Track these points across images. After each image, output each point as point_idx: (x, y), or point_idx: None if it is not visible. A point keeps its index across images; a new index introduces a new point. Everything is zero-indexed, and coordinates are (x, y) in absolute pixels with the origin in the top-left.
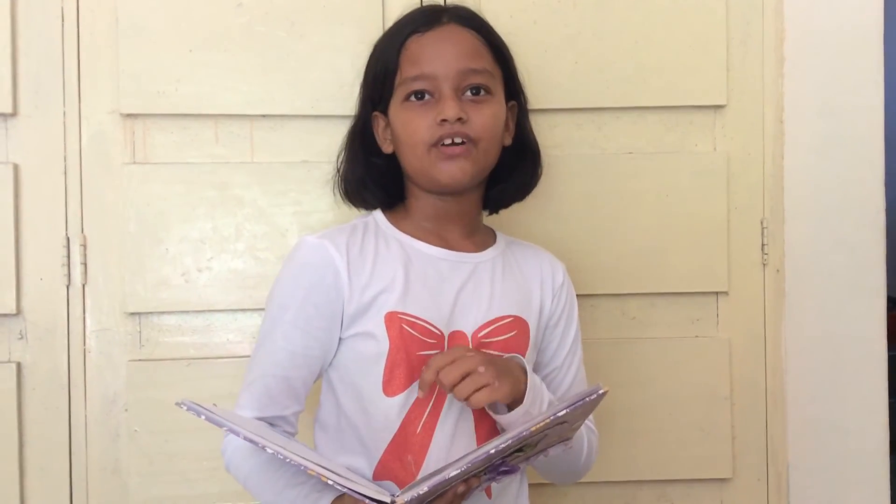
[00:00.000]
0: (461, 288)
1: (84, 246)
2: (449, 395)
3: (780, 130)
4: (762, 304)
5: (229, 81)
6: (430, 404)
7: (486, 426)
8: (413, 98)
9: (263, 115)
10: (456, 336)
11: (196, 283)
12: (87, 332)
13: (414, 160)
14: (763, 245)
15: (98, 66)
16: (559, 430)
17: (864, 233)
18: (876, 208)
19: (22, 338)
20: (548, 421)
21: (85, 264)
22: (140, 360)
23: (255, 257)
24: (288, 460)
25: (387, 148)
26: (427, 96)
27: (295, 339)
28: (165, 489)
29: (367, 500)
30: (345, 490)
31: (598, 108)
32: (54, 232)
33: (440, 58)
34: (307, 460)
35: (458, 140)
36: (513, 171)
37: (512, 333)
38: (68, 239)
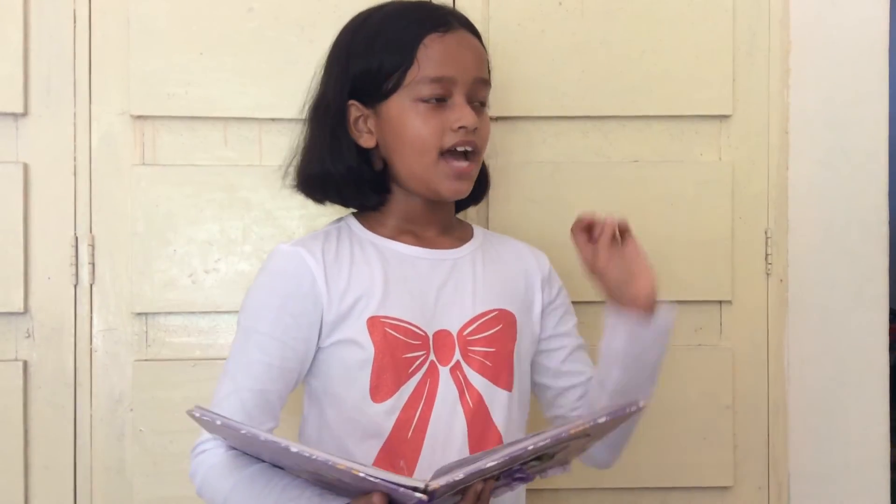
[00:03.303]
0: (442, 286)
1: (92, 246)
2: (439, 396)
3: (785, 141)
4: (765, 313)
5: (239, 85)
6: (420, 407)
7: (479, 428)
8: (432, 101)
9: (272, 119)
10: (441, 335)
11: (203, 285)
12: (94, 332)
13: (416, 165)
14: (767, 255)
15: (109, 67)
16: (577, 445)
17: (868, 244)
18: (879, 219)
19: (29, 336)
20: (587, 426)
21: (93, 264)
22: (146, 360)
23: (261, 259)
24: (314, 457)
25: (365, 141)
26: (442, 100)
27: (271, 350)
28: (169, 489)
29: (399, 490)
30: (377, 481)
31: (604, 117)
32: (63, 231)
33: (462, 63)
34: (332, 455)
35: (469, 149)
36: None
37: (497, 328)
38: (76, 239)
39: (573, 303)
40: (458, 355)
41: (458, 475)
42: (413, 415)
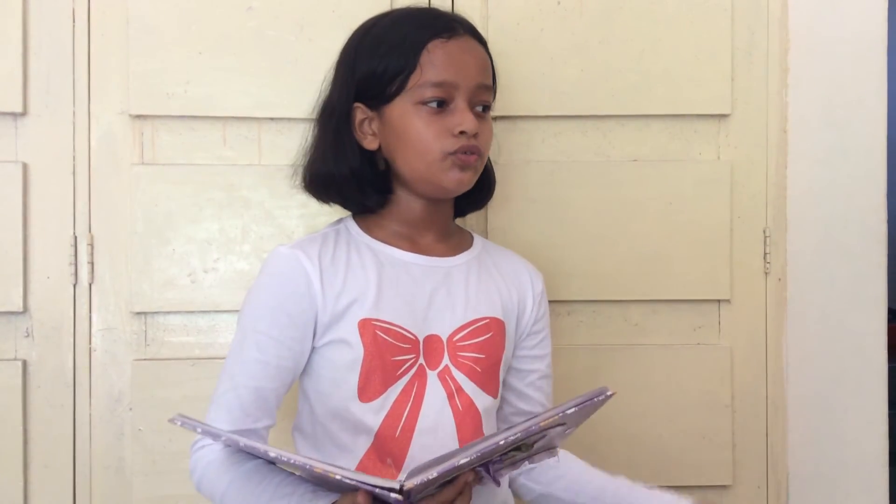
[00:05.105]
0: (435, 292)
1: (91, 245)
2: (427, 398)
3: (783, 140)
4: (764, 312)
5: (238, 84)
6: (408, 408)
7: (470, 430)
8: (433, 104)
9: (271, 118)
10: (431, 340)
11: (202, 284)
12: (93, 331)
13: (420, 165)
14: (765, 254)
15: (108, 66)
16: (555, 433)
17: (866, 243)
18: (878, 218)
19: (28, 335)
20: (556, 417)
21: (92, 263)
22: (145, 359)
23: (260, 259)
24: (292, 461)
25: (369, 143)
26: (444, 104)
27: (268, 349)
28: (169, 488)
29: (376, 490)
30: (354, 482)
31: (603, 116)
32: (62, 231)
33: (464, 69)
34: (310, 458)
35: (471, 152)
36: (481, 184)
37: (488, 335)
38: (76, 238)
39: (573, 301)
40: (446, 360)
41: (433, 474)
42: (401, 415)
